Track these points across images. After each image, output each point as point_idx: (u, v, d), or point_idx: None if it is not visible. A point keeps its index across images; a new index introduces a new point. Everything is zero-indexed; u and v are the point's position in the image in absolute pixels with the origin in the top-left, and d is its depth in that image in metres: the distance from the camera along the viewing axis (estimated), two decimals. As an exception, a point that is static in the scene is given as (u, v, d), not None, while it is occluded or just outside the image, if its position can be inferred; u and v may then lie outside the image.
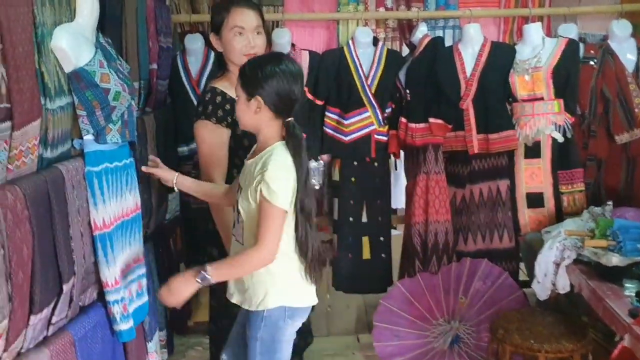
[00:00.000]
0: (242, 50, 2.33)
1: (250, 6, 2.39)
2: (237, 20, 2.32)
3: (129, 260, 2.22)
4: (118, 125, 2.08)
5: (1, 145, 1.54)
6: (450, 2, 3.30)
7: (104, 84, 1.95)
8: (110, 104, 2.00)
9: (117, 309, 2.10)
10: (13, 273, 1.53)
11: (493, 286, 3.11)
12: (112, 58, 2.11)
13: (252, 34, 2.34)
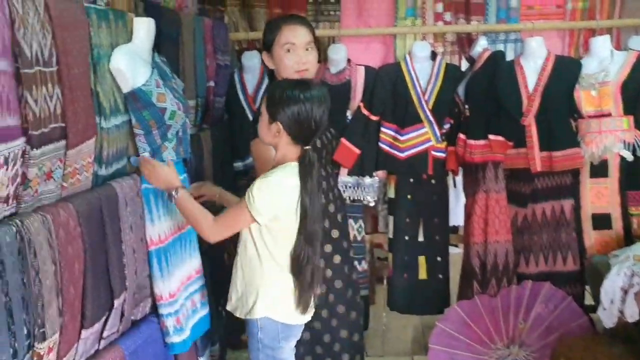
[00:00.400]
0: (294, 67, 2.32)
1: (301, 23, 2.39)
2: (289, 36, 2.32)
3: (188, 272, 2.28)
4: (173, 143, 2.14)
5: (56, 164, 1.58)
6: (511, 15, 3.20)
7: (161, 103, 2.00)
8: (166, 123, 2.05)
9: (171, 322, 2.14)
10: (64, 288, 1.57)
11: (556, 311, 2.97)
12: (167, 77, 2.16)
13: (303, 50, 2.33)
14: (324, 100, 1.95)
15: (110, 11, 1.85)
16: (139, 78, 1.94)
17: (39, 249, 1.45)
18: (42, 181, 1.53)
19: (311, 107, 1.91)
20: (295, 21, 2.38)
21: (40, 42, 1.48)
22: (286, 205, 1.94)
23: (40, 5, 1.47)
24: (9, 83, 1.36)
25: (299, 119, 1.91)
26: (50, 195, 1.59)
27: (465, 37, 3.25)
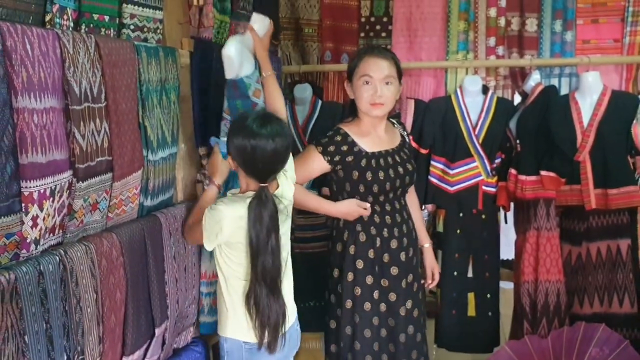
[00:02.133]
0: (368, 100, 2.34)
1: (383, 56, 2.37)
2: (366, 69, 2.33)
3: None
4: None
5: (102, 195, 1.65)
6: (566, 49, 3.14)
7: (255, 98, 2.11)
8: None
9: (207, 302, 2.21)
10: (105, 316, 1.62)
11: (611, 355, 2.83)
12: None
13: (381, 84, 2.33)
14: (276, 136, 1.83)
15: (160, 48, 1.93)
16: (244, 69, 2.08)
17: (81, 277, 1.51)
18: (87, 212, 1.60)
19: (257, 143, 1.80)
20: (376, 54, 2.38)
21: (90, 80, 1.55)
22: (229, 234, 1.85)
23: (91, 45, 1.55)
24: (57, 119, 1.43)
25: (243, 152, 1.83)
26: (95, 226, 1.66)
27: (519, 71, 3.20)
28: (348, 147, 2.38)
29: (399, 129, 2.57)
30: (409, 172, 2.46)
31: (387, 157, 2.42)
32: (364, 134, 2.41)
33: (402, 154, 2.47)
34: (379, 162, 2.39)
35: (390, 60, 2.38)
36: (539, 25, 3.14)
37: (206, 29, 2.30)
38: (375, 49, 2.44)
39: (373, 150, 2.40)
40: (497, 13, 3.14)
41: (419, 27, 3.24)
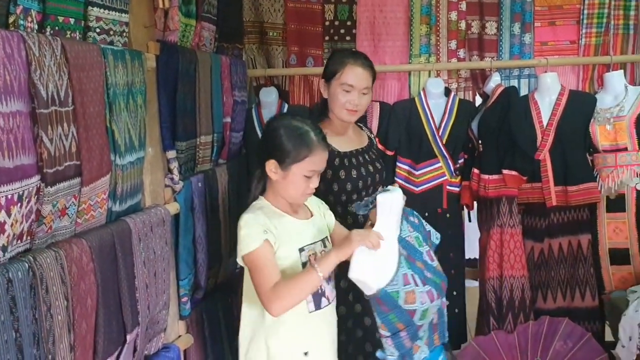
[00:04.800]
0: (345, 105, 2.39)
1: (366, 67, 2.42)
2: (350, 78, 2.37)
3: None
4: (425, 338, 1.90)
5: (70, 200, 1.62)
6: (525, 51, 3.23)
7: (409, 305, 1.80)
8: (416, 324, 1.84)
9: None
10: (76, 323, 1.59)
11: (574, 348, 2.92)
12: (417, 253, 1.96)
13: (359, 93, 2.39)
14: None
15: (127, 51, 1.91)
16: (383, 279, 1.79)
17: (51, 284, 1.48)
18: (56, 217, 1.57)
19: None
20: (361, 63, 2.41)
21: (57, 83, 1.53)
22: None
23: (57, 47, 1.53)
24: (24, 123, 1.41)
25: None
26: (64, 231, 1.63)
27: (479, 73, 3.27)
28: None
29: (365, 131, 2.63)
30: (378, 170, 2.50)
31: (358, 156, 2.45)
32: (335, 134, 2.43)
33: (371, 153, 2.52)
34: (352, 160, 2.42)
35: (371, 71, 2.43)
36: (498, 28, 3.23)
37: (171, 32, 2.28)
38: (360, 57, 2.45)
39: (345, 149, 2.43)
40: (457, 17, 3.21)
41: (382, 31, 3.28)
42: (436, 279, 1.89)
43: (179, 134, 2.30)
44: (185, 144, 2.36)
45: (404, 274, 1.80)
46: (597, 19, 3.14)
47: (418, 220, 2.03)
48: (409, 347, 1.82)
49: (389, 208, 1.86)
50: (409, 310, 1.77)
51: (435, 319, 1.90)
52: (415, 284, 1.81)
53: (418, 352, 1.86)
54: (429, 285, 1.83)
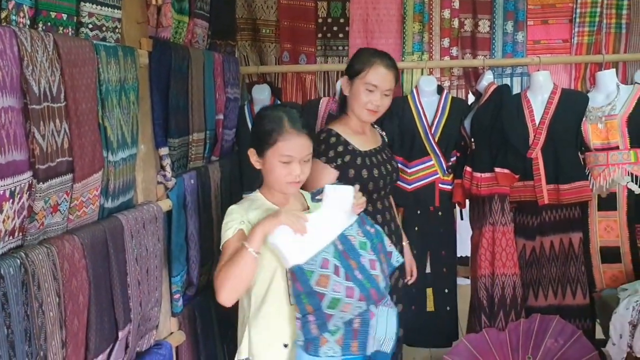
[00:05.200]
0: (367, 106, 2.38)
1: (391, 68, 2.40)
2: (375, 79, 2.36)
3: None
4: (337, 336, 1.84)
5: (62, 197, 1.62)
6: (517, 49, 3.24)
7: (320, 287, 1.77)
8: (324, 311, 1.78)
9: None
10: (68, 320, 1.59)
11: (565, 345, 2.94)
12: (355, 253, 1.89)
13: (382, 94, 2.38)
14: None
15: (119, 47, 1.90)
16: (300, 257, 1.77)
17: (43, 281, 1.48)
18: (48, 214, 1.56)
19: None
20: (387, 64, 2.39)
21: (49, 79, 1.52)
22: None
23: (49, 43, 1.52)
24: (16, 119, 1.40)
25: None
26: (56, 228, 1.62)
27: (472, 71, 3.28)
28: (343, 147, 2.39)
29: (378, 130, 2.64)
30: (394, 169, 2.52)
31: (377, 155, 2.46)
32: (354, 133, 2.43)
33: (386, 153, 2.54)
34: (372, 159, 2.42)
35: (395, 72, 2.42)
36: (491, 27, 3.24)
37: (164, 28, 2.28)
38: (386, 58, 2.42)
39: (364, 148, 2.43)
40: (450, 15, 3.22)
41: (375, 28, 3.29)
42: (367, 283, 1.83)
43: (172, 131, 2.29)
44: (178, 141, 2.36)
45: (324, 258, 1.78)
46: (589, 18, 3.15)
47: (375, 232, 1.97)
48: (315, 335, 1.77)
49: (332, 200, 1.86)
50: (318, 293, 1.74)
51: (356, 324, 1.84)
52: (336, 274, 1.78)
53: (325, 346, 1.80)
54: (353, 283, 1.79)
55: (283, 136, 1.89)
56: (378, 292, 1.87)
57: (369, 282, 1.84)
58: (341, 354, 1.83)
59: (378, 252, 1.93)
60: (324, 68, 3.31)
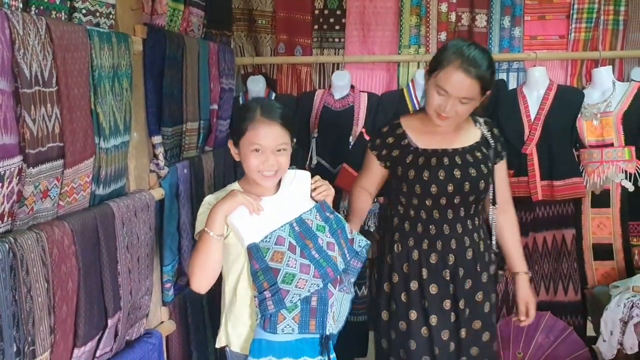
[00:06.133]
0: (436, 109, 2.08)
1: (471, 74, 2.00)
2: (446, 82, 2.02)
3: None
4: (294, 313, 1.84)
5: (52, 182, 1.60)
6: (514, 45, 3.23)
7: (274, 263, 1.80)
8: (280, 287, 1.80)
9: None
10: (57, 306, 1.58)
11: (556, 341, 2.94)
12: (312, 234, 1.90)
13: (455, 100, 2.03)
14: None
15: (113, 34, 1.88)
16: (255, 235, 1.81)
17: (31, 266, 1.47)
18: (38, 199, 1.55)
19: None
20: (466, 69, 2.01)
21: (41, 63, 1.51)
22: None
23: (41, 27, 1.51)
24: (7, 102, 1.39)
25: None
26: (46, 214, 1.61)
27: (468, 66, 3.27)
28: (395, 140, 2.20)
29: (482, 128, 2.24)
30: (470, 177, 2.12)
31: (444, 157, 2.13)
32: (422, 129, 2.18)
33: (469, 156, 2.15)
34: (430, 161, 2.13)
35: (478, 80, 2.01)
36: (488, 21, 3.23)
37: (159, 16, 2.26)
38: (471, 60, 2.01)
39: (426, 147, 2.16)
40: (448, 8, 3.21)
41: (372, 21, 3.27)
42: (323, 262, 1.85)
43: (165, 120, 2.28)
44: (171, 129, 2.34)
45: (279, 235, 1.82)
46: (587, 14, 3.14)
47: (334, 218, 1.95)
48: (272, 312, 1.79)
49: (288, 182, 1.93)
50: (273, 269, 1.78)
51: (314, 302, 1.84)
52: (290, 250, 1.81)
53: (282, 323, 1.81)
54: (309, 261, 1.83)
55: (253, 124, 1.85)
56: (335, 272, 1.88)
57: (325, 262, 1.85)
58: (298, 332, 1.83)
59: (338, 237, 1.94)
60: (320, 60, 3.29)
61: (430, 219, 2.16)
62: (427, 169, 2.12)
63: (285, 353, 1.83)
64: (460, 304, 2.16)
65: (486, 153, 2.19)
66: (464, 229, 2.17)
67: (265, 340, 1.82)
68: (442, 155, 2.14)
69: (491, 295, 2.24)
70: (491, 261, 2.26)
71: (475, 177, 2.13)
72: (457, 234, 2.16)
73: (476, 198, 2.17)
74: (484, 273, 2.21)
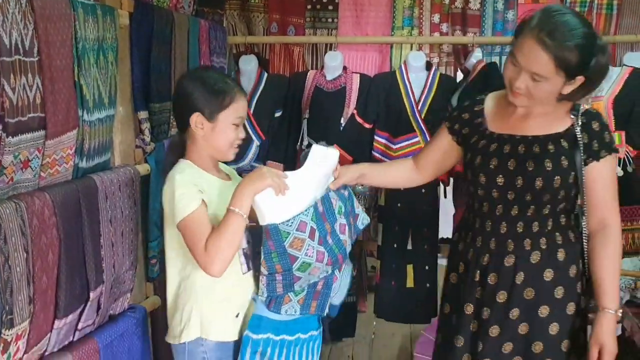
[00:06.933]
0: (509, 82, 1.80)
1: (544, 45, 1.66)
2: (518, 51, 1.71)
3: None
4: (300, 296, 1.85)
5: (33, 153, 1.60)
6: (507, 28, 3.21)
7: (293, 250, 1.75)
8: (294, 274, 1.78)
9: None
10: (36, 277, 1.58)
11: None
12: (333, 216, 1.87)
13: (527, 75, 1.72)
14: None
15: (98, 6, 1.87)
16: (279, 216, 1.74)
17: (10, 235, 1.47)
18: (18, 169, 1.55)
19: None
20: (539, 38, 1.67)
21: (22, 32, 1.50)
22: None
23: (22, -5, 1.50)
24: (-16, 70, 1.38)
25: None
26: (27, 184, 1.61)
27: (461, 49, 3.26)
28: (470, 116, 1.96)
29: (576, 118, 1.83)
30: (542, 172, 1.79)
31: (517, 145, 1.84)
32: (501, 109, 1.91)
33: (552, 147, 1.81)
34: (501, 147, 1.85)
35: (550, 56, 1.65)
36: (482, 4, 3.21)
37: (147, -9, 2.25)
38: (546, 29, 1.66)
39: (498, 130, 1.89)
40: (442, -10, 3.19)
41: (365, 1, 3.26)
42: (335, 248, 1.83)
43: (152, 95, 2.27)
44: (159, 106, 2.33)
45: (302, 221, 1.75)
46: (580, -2, 3.13)
47: (348, 195, 1.95)
48: (280, 294, 1.79)
49: (318, 160, 1.85)
50: (291, 255, 1.73)
51: (319, 286, 1.85)
52: (310, 238, 1.75)
53: (287, 304, 1.82)
54: (324, 248, 1.79)
55: (236, 98, 1.79)
56: (344, 257, 1.88)
57: (337, 248, 1.84)
58: (299, 312, 1.85)
59: (348, 215, 1.92)
60: (313, 40, 3.28)
61: (491, 213, 1.88)
62: (495, 156, 1.85)
63: (283, 331, 1.86)
64: (511, 314, 1.83)
65: (568, 146, 1.81)
66: (530, 228, 1.84)
67: (266, 317, 1.82)
68: (514, 142, 1.84)
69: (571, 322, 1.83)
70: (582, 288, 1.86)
71: (549, 172, 1.79)
72: (517, 234, 1.85)
73: (552, 199, 1.81)
74: (560, 288, 1.83)
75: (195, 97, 1.77)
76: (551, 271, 1.83)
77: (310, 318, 1.91)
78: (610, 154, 1.82)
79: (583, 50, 1.67)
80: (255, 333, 1.81)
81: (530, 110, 1.84)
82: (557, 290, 1.82)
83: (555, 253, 1.83)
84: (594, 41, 1.71)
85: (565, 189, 1.81)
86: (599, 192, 1.82)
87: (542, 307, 1.82)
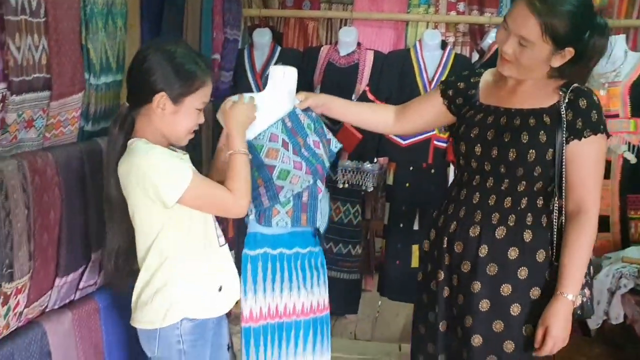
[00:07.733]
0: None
1: (533, 6, 1.64)
2: (509, 12, 1.73)
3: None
4: (287, 207, 1.92)
5: (38, 113, 1.63)
6: (527, 9, 3.16)
7: (269, 159, 1.83)
8: (275, 183, 1.85)
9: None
10: (37, 234, 1.61)
11: (545, 309, 2.94)
12: (302, 130, 1.97)
13: (514, 38, 1.69)
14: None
15: (108, -29, 1.88)
16: (252, 131, 1.84)
17: (11, 192, 1.50)
18: (21, 128, 1.58)
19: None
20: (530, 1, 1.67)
21: (28, -8, 1.52)
22: None
23: (29, -45, 1.51)
24: (-11, 28, 1.40)
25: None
26: (31, 144, 1.64)
27: (478, 29, 3.21)
28: (465, 86, 1.95)
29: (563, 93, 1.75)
30: (517, 144, 1.75)
31: (500, 117, 1.81)
32: (495, 80, 1.90)
33: (532, 121, 1.76)
34: (485, 118, 1.83)
35: (536, 19, 1.63)
36: (500, -16, 3.16)
37: (160, -42, 2.25)
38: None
39: (487, 102, 1.87)
40: (460, -32, 3.14)
41: (382, -23, 3.23)
42: (312, 159, 1.92)
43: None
44: (169, 74, 2.34)
45: (273, 133, 1.86)
46: (604, -22, 3.06)
47: (315, 116, 2.04)
48: (267, 207, 1.87)
49: (278, 79, 1.96)
50: (268, 166, 1.83)
51: (305, 197, 1.94)
52: (284, 147, 1.86)
53: (277, 216, 1.89)
54: (300, 158, 1.89)
55: (206, 83, 1.69)
56: (323, 169, 1.98)
57: (314, 159, 1.94)
58: (291, 225, 1.94)
59: (320, 135, 2.01)
60: (328, 15, 3.26)
61: (468, 183, 1.87)
62: (477, 126, 1.83)
63: (279, 244, 1.95)
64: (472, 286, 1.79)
65: (550, 122, 1.74)
66: (498, 202, 1.80)
67: (259, 233, 1.93)
68: (497, 113, 1.82)
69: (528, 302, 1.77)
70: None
71: (524, 145, 1.74)
72: (487, 206, 1.81)
73: (527, 174, 1.76)
74: (523, 269, 1.76)
75: (161, 75, 1.63)
76: (516, 250, 1.77)
77: (305, 233, 2.01)
78: (595, 135, 1.73)
79: (574, 18, 1.64)
80: (252, 249, 1.92)
81: (521, 83, 1.80)
82: (521, 271, 1.76)
83: (522, 233, 1.77)
84: (589, 14, 1.68)
85: (542, 166, 1.74)
86: (578, 172, 1.73)
87: (504, 284, 1.77)
